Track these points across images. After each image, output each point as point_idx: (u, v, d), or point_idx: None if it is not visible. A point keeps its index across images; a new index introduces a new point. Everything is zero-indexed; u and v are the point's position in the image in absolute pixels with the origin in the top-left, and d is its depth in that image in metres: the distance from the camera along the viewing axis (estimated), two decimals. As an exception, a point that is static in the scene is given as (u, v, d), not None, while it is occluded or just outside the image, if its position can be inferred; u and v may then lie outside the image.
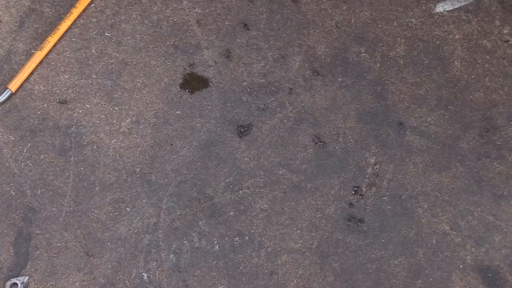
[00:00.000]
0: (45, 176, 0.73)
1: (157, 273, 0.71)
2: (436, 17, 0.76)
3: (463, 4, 0.77)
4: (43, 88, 0.76)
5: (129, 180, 0.73)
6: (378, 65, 0.75)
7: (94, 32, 0.77)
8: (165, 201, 0.73)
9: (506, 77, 0.75)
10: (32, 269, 0.71)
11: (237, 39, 0.77)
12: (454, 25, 0.76)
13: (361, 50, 0.76)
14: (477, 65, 0.75)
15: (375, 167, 0.73)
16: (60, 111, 0.75)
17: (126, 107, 0.75)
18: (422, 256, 0.70)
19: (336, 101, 0.75)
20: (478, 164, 0.72)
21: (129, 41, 0.77)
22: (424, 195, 0.72)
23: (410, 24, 0.76)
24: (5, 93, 0.75)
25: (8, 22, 0.78)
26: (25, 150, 0.74)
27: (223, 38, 0.77)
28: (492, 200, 0.71)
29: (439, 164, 0.72)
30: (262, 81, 0.76)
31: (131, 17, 0.78)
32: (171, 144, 0.74)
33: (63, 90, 0.76)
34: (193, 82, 0.76)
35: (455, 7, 0.77)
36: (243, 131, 0.74)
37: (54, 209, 0.73)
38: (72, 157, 0.74)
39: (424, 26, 0.76)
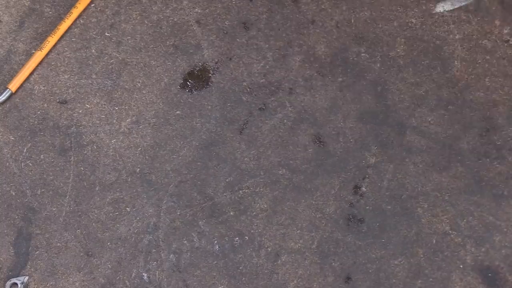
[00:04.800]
0: (45, 176, 0.73)
1: (157, 273, 0.71)
2: (436, 17, 0.76)
3: (463, 4, 0.77)
4: (43, 88, 0.76)
5: (129, 180, 0.73)
6: (378, 65, 0.75)
7: (94, 32, 0.77)
8: (165, 201, 0.73)
9: (506, 77, 0.75)
10: (32, 269, 0.71)
11: (237, 39, 0.77)
12: (454, 25, 0.76)
13: (361, 50, 0.76)
14: (477, 65, 0.75)
15: (375, 167, 0.73)
16: (60, 111, 0.75)
17: (126, 107, 0.75)
18: (422, 256, 0.70)
19: (336, 101, 0.75)
20: (478, 164, 0.72)
21: (129, 41, 0.77)
22: (424, 195, 0.72)
23: (410, 24, 0.76)
24: (5, 93, 0.75)
25: (8, 22, 0.78)
26: (25, 150, 0.74)
27: (223, 38, 0.77)
28: (492, 200, 0.71)
29: (439, 164, 0.72)
30: (262, 81, 0.76)
31: (131, 17, 0.78)
32: (171, 144, 0.74)
33: (63, 90, 0.76)
34: (193, 82, 0.76)
35: (455, 7, 0.77)
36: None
37: (54, 209, 0.73)
38: (72, 157, 0.74)
39: (424, 26, 0.76)
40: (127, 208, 0.73)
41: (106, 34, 0.77)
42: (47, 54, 0.76)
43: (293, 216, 0.72)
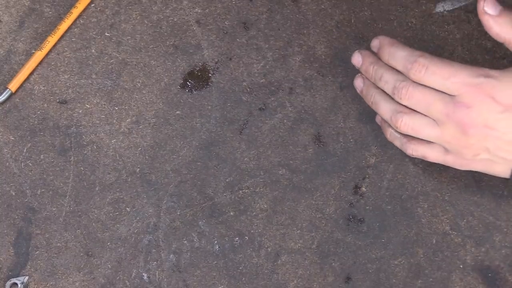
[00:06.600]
0: (45, 176, 0.73)
1: (157, 273, 0.71)
2: (436, 17, 0.76)
3: (463, 4, 0.77)
4: (43, 88, 0.76)
5: (129, 180, 0.73)
6: (378, 65, 0.75)
7: (94, 32, 0.77)
8: (165, 201, 0.73)
9: (506, 77, 0.75)
10: (32, 269, 0.71)
11: (237, 39, 0.77)
12: (454, 25, 0.76)
13: (361, 50, 0.76)
14: (478, 65, 0.75)
15: (375, 167, 0.73)
16: (60, 111, 0.75)
17: (126, 107, 0.75)
18: (422, 256, 0.70)
19: (336, 101, 0.75)
20: (478, 164, 0.72)
21: (129, 41, 0.77)
22: (424, 195, 0.72)
23: (410, 24, 0.76)
24: (5, 93, 0.75)
25: (8, 22, 0.78)
26: (25, 150, 0.74)
27: (223, 38, 0.77)
28: (492, 200, 0.71)
29: (439, 164, 0.72)
30: (262, 81, 0.76)
31: (131, 17, 0.78)
32: (171, 144, 0.74)
33: (63, 90, 0.76)
34: (193, 82, 0.76)
35: (455, 7, 0.77)
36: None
37: (54, 209, 0.73)
38: (72, 157, 0.74)
39: (424, 26, 0.76)
40: (127, 208, 0.73)
41: (106, 34, 0.77)
42: (47, 54, 0.76)
43: (293, 216, 0.72)
